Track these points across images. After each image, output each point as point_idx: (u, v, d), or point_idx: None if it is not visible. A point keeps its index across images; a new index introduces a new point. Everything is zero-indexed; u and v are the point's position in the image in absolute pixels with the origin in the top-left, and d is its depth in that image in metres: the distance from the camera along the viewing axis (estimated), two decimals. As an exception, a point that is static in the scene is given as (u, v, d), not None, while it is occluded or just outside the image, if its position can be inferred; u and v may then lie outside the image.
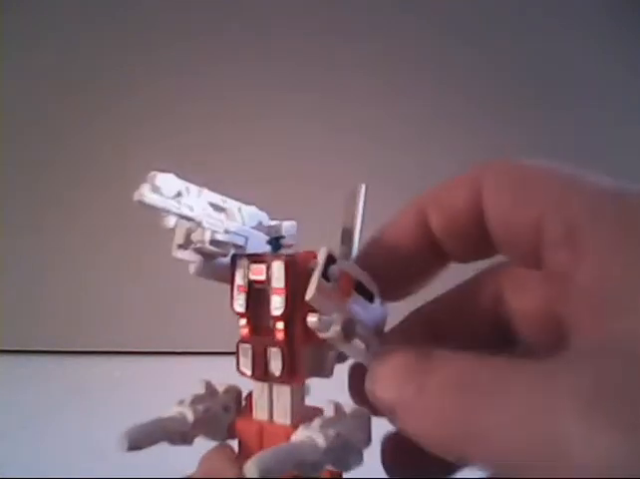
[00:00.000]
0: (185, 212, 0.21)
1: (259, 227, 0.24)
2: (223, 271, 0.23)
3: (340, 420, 0.21)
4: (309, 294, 0.18)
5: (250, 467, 0.18)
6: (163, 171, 0.21)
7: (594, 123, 0.72)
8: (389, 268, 0.20)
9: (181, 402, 0.23)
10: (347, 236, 0.21)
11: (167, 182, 0.21)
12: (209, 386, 0.24)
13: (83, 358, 0.69)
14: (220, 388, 0.24)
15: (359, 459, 0.21)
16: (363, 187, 0.21)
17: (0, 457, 0.46)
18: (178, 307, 0.70)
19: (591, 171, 0.16)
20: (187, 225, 0.22)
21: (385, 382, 0.16)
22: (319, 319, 0.18)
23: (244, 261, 0.23)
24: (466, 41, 0.70)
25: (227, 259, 0.23)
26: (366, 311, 0.19)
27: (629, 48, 0.71)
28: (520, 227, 0.16)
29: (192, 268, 0.23)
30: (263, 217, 0.24)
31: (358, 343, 0.19)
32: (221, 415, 0.23)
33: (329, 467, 0.21)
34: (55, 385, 0.61)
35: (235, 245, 0.23)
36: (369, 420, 0.22)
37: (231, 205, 0.23)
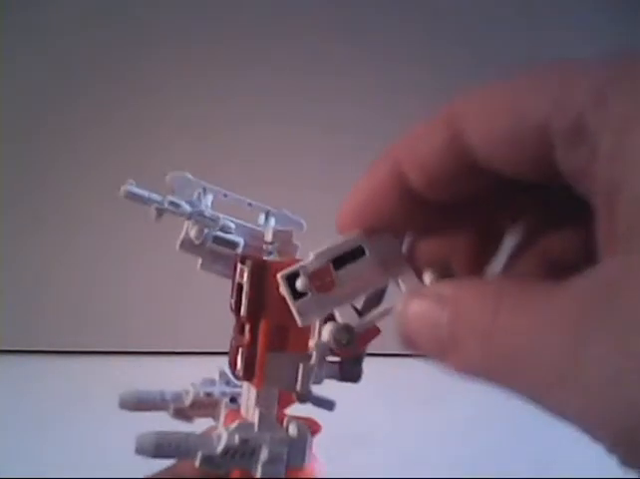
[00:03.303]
0: (167, 207, 0.22)
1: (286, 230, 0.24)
2: (226, 269, 0.24)
3: (263, 429, 0.22)
4: (299, 323, 0.17)
5: (139, 441, 0.19)
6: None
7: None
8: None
9: (193, 384, 0.24)
10: None
11: (179, 180, 0.22)
12: (224, 375, 0.25)
13: (83, 358, 0.69)
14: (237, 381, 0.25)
15: (274, 471, 0.22)
16: None
17: (0, 457, 0.46)
18: (179, 307, 0.70)
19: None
20: (198, 223, 0.23)
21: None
22: (331, 334, 0.18)
23: (237, 263, 0.23)
24: (467, 41, 0.70)
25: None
26: (359, 277, 0.18)
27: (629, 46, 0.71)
28: (525, 139, 0.15)
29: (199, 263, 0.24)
30: (297, 223, 0.25)
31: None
32: (224, 403, 0.24)
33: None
34: (55, 385, 0.61)
35: (250, 246, 0.24)
36: (304, 442, 0.22)
37: (257, 207, 0.24)
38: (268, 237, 0.24)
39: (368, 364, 0.24)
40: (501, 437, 0.57)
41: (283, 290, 0.17)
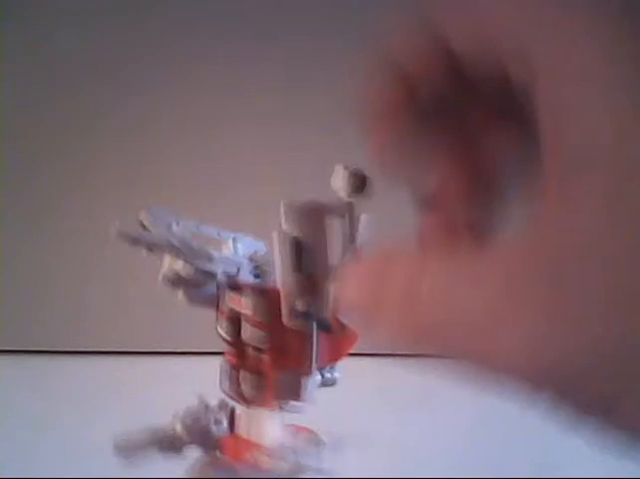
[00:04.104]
0: (175, 243, 0.22)
1: (255, 255, 0.25)
2: (211, 299, 0.24)
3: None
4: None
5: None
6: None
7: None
8: None
9: (175, 415, 0.24)
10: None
11: (157, 215, 0.22)
12: (203, 400, 0.25)
13: (83, 358, 0.69)
14: (214, 402, 0.25)
15: None
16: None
17: (0, 457, 0.46)
18: (178, 307, 0.70)
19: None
20: (170, 255, 0.23)
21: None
22: None
23: (225, 289, 0.23)
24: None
25: (213, 288, 0.24)
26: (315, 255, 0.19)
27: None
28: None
29: (180, 295, 0.24)
30: (259, 246, 0.25)
31: None
32: (212, 428, 0.24)
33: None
34: (55, 385, 0.61)
35: (227, 274, 0.24)
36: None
37: (226, 236, 0.24)
38: (261, 262, 0.25)
39: (368, 364, 0.24)
40: (501, 437, 0.57)
41: (299, 324, 0.19)
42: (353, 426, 0.29)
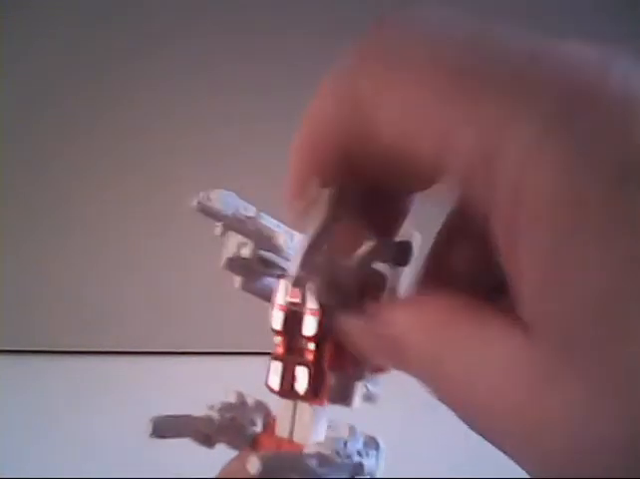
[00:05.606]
0: (238, 225, 0.22)
1: None
2: (268, 291, 0.24)
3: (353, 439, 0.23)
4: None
5: (253, 462, 0.19)
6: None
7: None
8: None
9: (211, 407, 0.24)
10: None
11: (227, 198, 0.21)
12: (240, 397, 0.25)
13: (83, 358, 0.69)
14: (250, 401, 0.25)
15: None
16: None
17: (0, 457, 0.46)
18: (179, 307, 0.70)
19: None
20: (238, 239, 0.22)
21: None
22: None
23: (286, 282, 0.23)
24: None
25: (273, 280, 0.24)
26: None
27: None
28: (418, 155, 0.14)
29: (237, 283, 0.23)
30: None
31: None
32: (247, 427, 0.24)
33: None
34: (55, 385, 0.61)
35: (282, 268, 0.24)
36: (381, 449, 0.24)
37: (284, 230, 0.24)
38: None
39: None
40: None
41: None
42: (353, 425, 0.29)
